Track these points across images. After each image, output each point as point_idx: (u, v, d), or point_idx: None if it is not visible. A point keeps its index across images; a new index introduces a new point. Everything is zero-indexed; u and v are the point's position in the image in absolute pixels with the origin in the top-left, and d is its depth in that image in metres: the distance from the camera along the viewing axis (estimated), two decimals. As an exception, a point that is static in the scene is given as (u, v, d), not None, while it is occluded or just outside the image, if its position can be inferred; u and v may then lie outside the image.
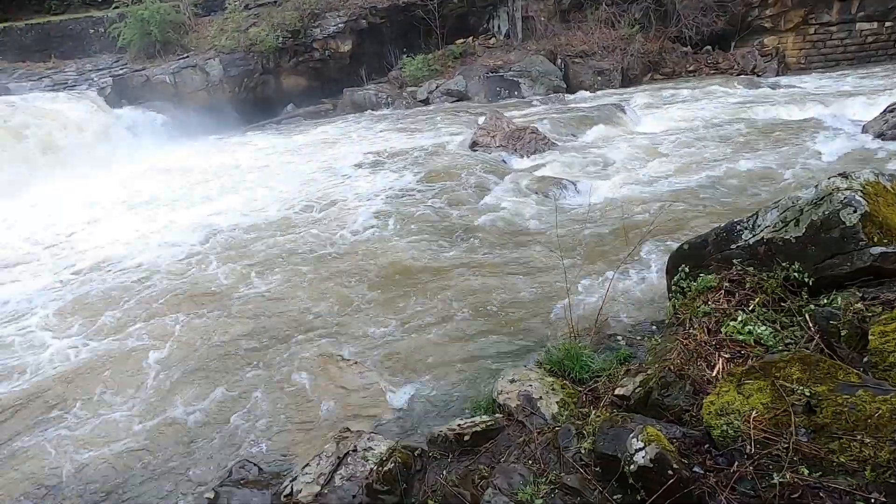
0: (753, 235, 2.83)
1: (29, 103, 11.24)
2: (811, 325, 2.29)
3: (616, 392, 2.36)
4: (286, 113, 15.05)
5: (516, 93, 14.17)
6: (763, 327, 2.33)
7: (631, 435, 1.71)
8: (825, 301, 2.38)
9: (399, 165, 8.02)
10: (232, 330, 3.89)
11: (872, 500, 1.35)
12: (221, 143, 12.42)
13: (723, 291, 2.67)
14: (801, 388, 1.58)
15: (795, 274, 2.50)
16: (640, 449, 1.62)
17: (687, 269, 2.92)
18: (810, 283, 2.44)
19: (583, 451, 1.93)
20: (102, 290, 4.79)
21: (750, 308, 2.49)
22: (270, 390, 3.22)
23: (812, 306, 2.38)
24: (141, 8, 15.16)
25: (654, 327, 3.26)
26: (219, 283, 4.70)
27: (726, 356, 2.24)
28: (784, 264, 2.57)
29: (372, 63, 15.83)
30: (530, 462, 2.00)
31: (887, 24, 13.95)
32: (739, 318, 2.40)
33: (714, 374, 2.10)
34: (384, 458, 2.15)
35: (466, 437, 2.25)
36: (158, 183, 8.85)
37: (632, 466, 1.62)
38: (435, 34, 15.51)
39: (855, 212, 2.36)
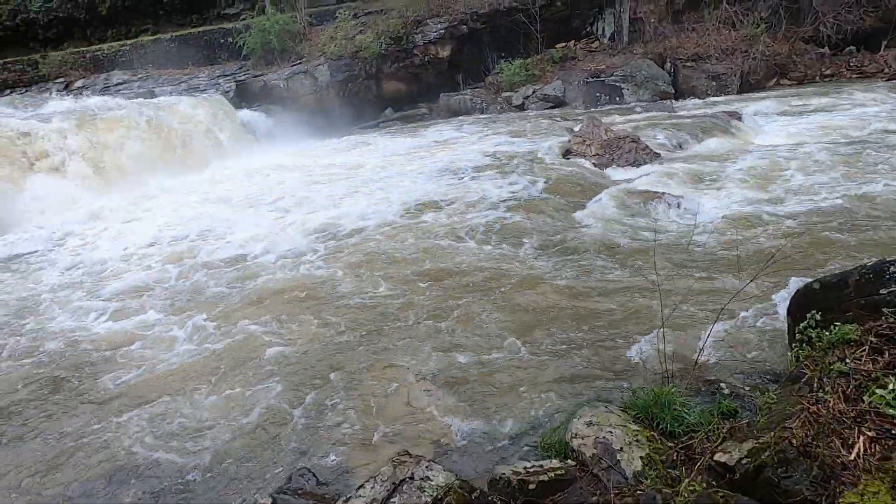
0: (914, 280, 2.28)
1: (168, 104, 12.71)
2: None
3: (716, 457, 1.99)
4: (385, 116, 15.59)
5: (618, 98, 13.41)
6: (925, 402, 1.83)
7: (735, 527, 1.38)
8: None
9: (489, 174, 7.86)
10: (333, 337, 3.91)
11: None
12: (330, 145, 13.04)
13: (867, 348, 2.17)
14: None
15: (977, 336, 1.95)
16: (747, 550, 1.29)
17: (818, 315, 2.42)
18: None
19: (670, 530, 1.62)
20: (223, 286, 5.10)
21: (906, 374, 1.99)
22: (347, 399, 3.20)
23: None
24: (263, 19, 16.60)
25: (767, 379, 2.77)
26: (335, 287, 4.74)
27: (870, 434, 1.78)
28: (959, 322, 2.02)
29: (469, 68, 15.89)
30: (604, 530, 1.73)
31: None
32: (890, 386, 1.91)
33: (852, 458, 1.67)
34: (440, 497, 1.99)
35: (532, 486, 2.02)
36: (278, 181, 9.38)
37: (734, 570, 1.30)
38: (535, 38, 15.18)
39: None
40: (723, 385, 2.72)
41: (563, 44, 15.47)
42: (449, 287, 4.49)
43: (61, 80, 17.56)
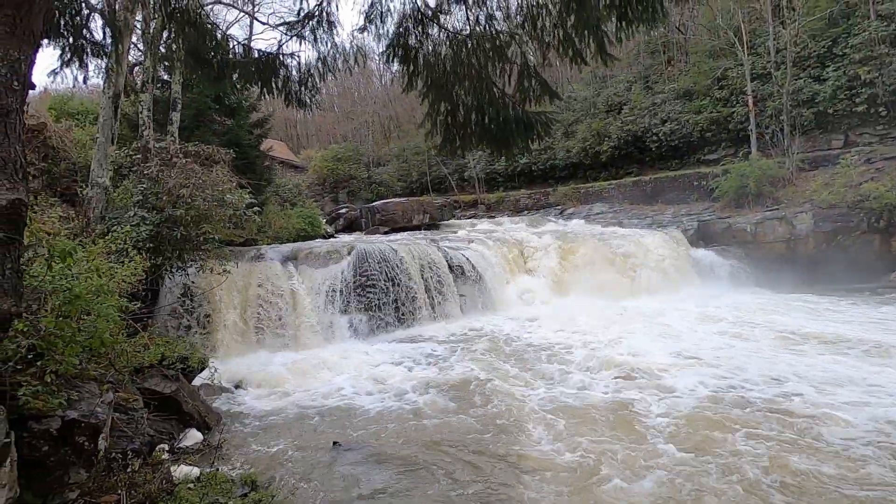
0: None
1: (630, 235, 14.25)
2: None
3: None
4: (889, 281, 11.98)
5: None
6: None
7: None
8: None
9: None
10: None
11: None
12: (810, 301, 10.98)
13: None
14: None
15: None
16: None
17: None
18: None
19: None
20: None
21: None
22: None
23: None
24: (745, 164, 16.36)
25: None
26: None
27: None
28: None
29: None
30: None
31: None
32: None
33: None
34: None
35: None
36: (734, 324, 8.93)
37: None
38: None
39: None
40: None
41: None
42: None
43: (560, 207, 22.81)
